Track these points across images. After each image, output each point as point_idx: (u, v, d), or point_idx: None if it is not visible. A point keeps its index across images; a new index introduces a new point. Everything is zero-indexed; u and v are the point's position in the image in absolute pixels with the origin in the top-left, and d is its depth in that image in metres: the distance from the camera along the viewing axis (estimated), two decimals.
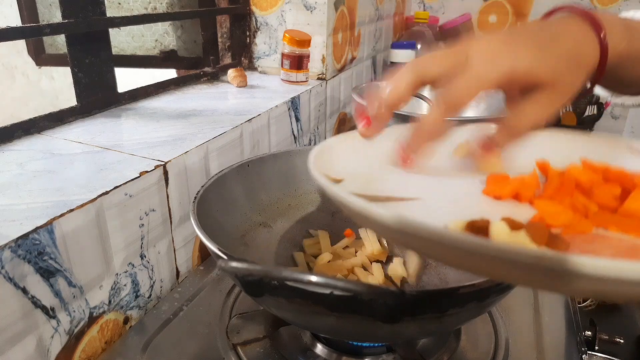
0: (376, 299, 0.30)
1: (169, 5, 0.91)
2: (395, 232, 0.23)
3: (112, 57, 0.66)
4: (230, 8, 0.93)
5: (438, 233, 0.20)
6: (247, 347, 0.45)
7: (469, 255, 0.20)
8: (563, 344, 0.47)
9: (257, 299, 0.37)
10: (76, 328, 0.42)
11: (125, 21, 0.66)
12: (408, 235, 0.22)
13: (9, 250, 0.34)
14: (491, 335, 0.47)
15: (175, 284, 0.55)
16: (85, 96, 0.63)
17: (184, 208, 0.54)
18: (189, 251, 0.57)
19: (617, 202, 0.27)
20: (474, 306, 0.34)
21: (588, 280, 0.18)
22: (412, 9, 1.61)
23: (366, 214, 0.23)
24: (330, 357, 0.44)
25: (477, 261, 0.21)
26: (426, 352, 0.44)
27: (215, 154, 0.59)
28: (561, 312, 0.51)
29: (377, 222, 0.23)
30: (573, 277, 0.18)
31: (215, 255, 0.36)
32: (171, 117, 0.65)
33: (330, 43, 0.95)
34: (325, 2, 0.90)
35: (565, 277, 0.18)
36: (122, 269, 0.46)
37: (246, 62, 0.99)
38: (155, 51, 0.95)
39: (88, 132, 0.57)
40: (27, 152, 0.50)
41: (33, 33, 0.57)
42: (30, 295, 0.36)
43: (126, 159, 0.50)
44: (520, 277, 0.21)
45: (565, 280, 0.19)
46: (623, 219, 0.25)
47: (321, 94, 0.94)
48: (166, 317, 0.49)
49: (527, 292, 0.54)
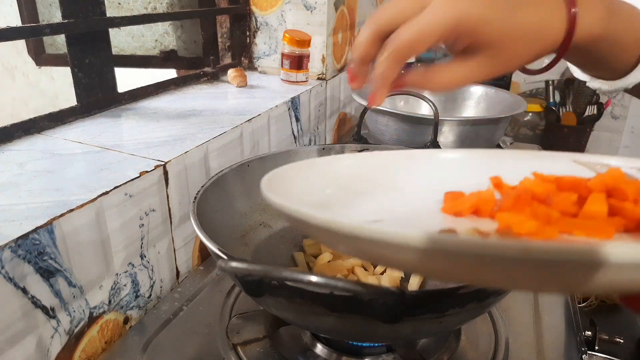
0: (376, 299, 0.30)
1: (169, 5, 0.91)
2: (371, 243, 0.21)
3: (112, 57, 0.66)
4: (230, 8, 0.93)
5: (433, 239, 0.19)
6: (247, 347, 0.45)
7: (466, 259, 0.19)
8: (563, 344, 0.47)
9: (257, 299, 0.37)
10: (76, 328, 0.42)
11: (125, 21, 0.66)
12: (391, 246, 0.21)
13: (9, 250, 0.34)
14: (491, 335, 0.47)
15: (175, 284, 0.55)
16: (85, 96, 0.63)
17: (184, 208, 0.54)
18: (189, 251, 0.57)
19: (576, 208, 0.27)
20: (474, 306, 0.34)
21: (612, 270, 0.17)
22: None
23: (333, 225, 0.22)
24: (330, 357, 0.44)
25: (469, 266, 0.20)
26: (426, 352, 0.44)
27: (215, 154, 0.59)
28: (561, 312, 0.51)
29: (350, 234, 0.22)
30: (596, 269, 0.17)
31: (215, 255, 0.36)
32: (171, 117, 0.65)
33: (330, 43, 0.95)
34: (325, 2, 0.90)
35: (587, 269, 0.17)
36: (122, 269, 0.46)
37: (246, 62, 0.99)
38: (155, 51, 0.95)
39: (88, 132, 0.57)
40: (27, 152, 0.50)
41: (33, 33, 0.57)
42: (30, 295, 0.36)
43: (126, 159, 0.50)
44: (515, 277, 0.21)
45: (585, 274, 0.18)
46: (586, 222, 0.25)
47: (321, 94, 0.94)
48: (166, 317, 0.49)
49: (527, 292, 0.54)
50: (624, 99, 1.73)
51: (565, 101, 1.42)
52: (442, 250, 0.19)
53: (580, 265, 0.17)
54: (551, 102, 1.41)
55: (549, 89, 1.74)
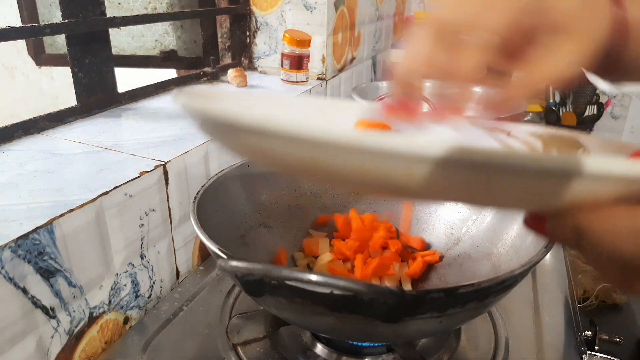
0: (376, 299, 0.30)
1: (169, 5, 0.91)
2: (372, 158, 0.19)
3: (112, 57, 0.66)
4: (230, 8, 0.93)
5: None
6: (247, 347, 0.45)
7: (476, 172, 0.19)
8: (563, 344, 0.47)
9: (257, 299, 0.37)
10: (76, 328, 0.42)
11: (125, 21, 0.66)
12: (400, 158, 0.19)
13: (9, 250, 0.34)
14: (491, 335, 0.47)
15: (175, 284, 0.55)
16: (85, 96, 0.63)
17: (184, 208, 0.54)
18: (189, 251, 0.57)
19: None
20: (474, 306, 0.34)
21: (585, 181, 0.19)
22: (412, 9, 1.61)
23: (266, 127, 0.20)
24: (330, 357, 0.44)
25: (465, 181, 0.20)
26: (426, 352, 0.44)
27: (215, 154, 0.59)
28: (561, 312, 0.51)
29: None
30: (570, 181, 0.19)
31: (215, 255, 0.36)
32: (171, 117, 0.65)
33: (330, 43, 0.95)
34: (325, 2, 0.90)
35: (563, 181, 0.19)
36: (122, 269, 0.46)
37: (246, 62, 0.99)
38: (155, 51, 0.95)
39: (88, 132, 0.57)
40: (27, 152, 0.50)
41: (33, 33, 0.57)
42: (30, 295, 0.36)
43: (126, 159, 0.50)
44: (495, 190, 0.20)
45: (559, 187, 0.19)
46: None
47: (321, 94, 0.94)
48: (166, 317, 0.49)
49: (527, 292, 0.54)
50: (624, 99, 1.73)
51: (565, 101, 1.41)
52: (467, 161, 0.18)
53: (561, 174, 0.19)
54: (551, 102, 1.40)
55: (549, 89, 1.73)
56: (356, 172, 0.20)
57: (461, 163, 0.18)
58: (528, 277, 0.55)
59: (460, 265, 0.49)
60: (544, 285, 0.56)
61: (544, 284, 0.56)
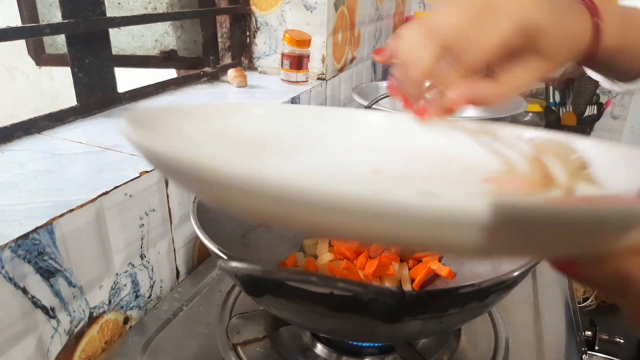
0: (376, 299, 0.30)
1: (169, 5, 0.91)
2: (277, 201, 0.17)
3: (112, 57, 0.66)
4: (230, 8, 0.93)
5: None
6: (247, 347, 0.45)
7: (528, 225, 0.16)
8: (563, 344, 0.47)
9: (257, 299, 0.37)
10: (76, 328, 0.42)
11: (125, 21, 0.66)
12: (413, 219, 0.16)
13: (9, 250, 0.34)
14: (491, 335, 0.47)
15: (175, 284, 0.55)
16: (85, 96, 0.63)
17: (184, 208, 0.54)
18: (189, 251, 0.57)
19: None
20: (474, 306, 0.34)
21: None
22: (412, 9, 1.61)
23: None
24: (330, 357, 0.44)
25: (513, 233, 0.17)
26: (426, 352, 0.44)
27: None
28: (561, 312, 0.51)
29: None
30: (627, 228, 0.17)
31: (215, 255, 0.36)
32: None
33: (330, 43, 0.95)
34: (325, 2, 0.90)
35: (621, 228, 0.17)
36: (122, 269, 0.46)
37: (246, 62, 0.99)
38: (155, 51, 0.95)
39: (88, 132, 0.57)
40: (27, 152, 0.50)
41: (33, 33, 0.57)
42: (30, 295, 0.36)
43: (126, 159, 0.50)
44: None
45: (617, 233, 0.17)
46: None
47: (321, 94, 0.94)
48: (166, 317, 0.49)
49: (527, 292, 0.54)
50: (624, 99, 1.73)
51: (565, 101, 1.42)
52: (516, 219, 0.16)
53: (623, 225, 0.17)
54: (551, 102, 1.40)
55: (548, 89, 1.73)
56: (383, 235, 0.17)
57: (513, 225, 0.16)
58: (528, 277, 0.55)
59: (461, 265, 0.49)
60: (544, 285, 0.56)
61: (544, 284, 0.56)
